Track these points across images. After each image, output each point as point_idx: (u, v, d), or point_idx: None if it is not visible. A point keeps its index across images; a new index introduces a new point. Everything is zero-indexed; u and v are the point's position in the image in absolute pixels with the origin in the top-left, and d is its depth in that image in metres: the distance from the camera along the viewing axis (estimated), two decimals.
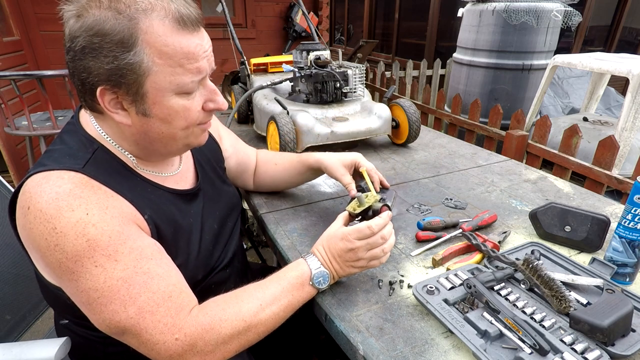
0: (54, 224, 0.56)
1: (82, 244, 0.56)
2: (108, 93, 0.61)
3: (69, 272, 0.57)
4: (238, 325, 0.63)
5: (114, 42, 0.57)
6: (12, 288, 0.97)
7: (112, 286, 0.57)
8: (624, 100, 2.19)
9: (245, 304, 0.66)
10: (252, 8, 4.30)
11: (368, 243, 0.73)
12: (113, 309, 0.58)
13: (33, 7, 3.29)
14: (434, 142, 1.64)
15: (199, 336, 0.60)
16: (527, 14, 2.88)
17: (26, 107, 2.30)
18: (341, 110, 1.48)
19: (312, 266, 0.72)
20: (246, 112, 1.83)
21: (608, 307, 0.63)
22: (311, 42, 1.59)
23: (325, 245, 0.75)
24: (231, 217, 0.92)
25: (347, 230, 0.74)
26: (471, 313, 0.67)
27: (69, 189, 0.58)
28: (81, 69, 0.60)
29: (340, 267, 0.74)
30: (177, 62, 0.61)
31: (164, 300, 0.60)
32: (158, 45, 0.59)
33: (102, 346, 0.74)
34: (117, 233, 0.59)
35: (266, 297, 0.67)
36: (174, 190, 0.77)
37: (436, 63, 4.22)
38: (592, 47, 4.99)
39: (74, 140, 0.67)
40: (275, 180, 1.11)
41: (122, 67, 0.59)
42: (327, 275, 0.72)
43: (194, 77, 0.64)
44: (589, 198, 1.14)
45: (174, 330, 0.59)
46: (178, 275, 0.65)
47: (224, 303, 0.66)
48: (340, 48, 5.93)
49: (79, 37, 0.58)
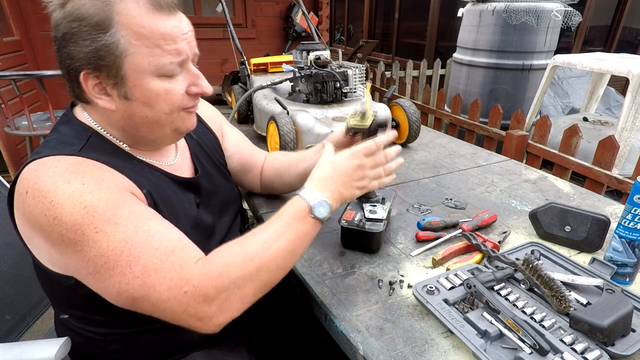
0: (50, 197, 0.56)
1: (80, 212, 0.56)
2: (91, 77, 0.63)
3: (72, 244, 0.57)
4: (247, 266, 0.62)
5: (90, 25, 0.59)
6: (12, 288, 0.97)
7: (115, 249, 0.57)
8: (624, 100, 2.19)
9: (250, 245, 0.65)
10: (252, 8, 4.30)
11: (374, 159, 0.75)
12: (120, 271, 0.57)
13: (33, 7, 3.29)
14: (434, 142, 1.64)
15: (209, 284, 0.59)
16: (527, 14, 2.88)
17: (26, 107, 2.30)
18: (341, 110, 1.48)
19: (309, 197, 0.70)
20: (246, 112, 1.83)
21: (608, 307, 0.63)
22: (311, 42, 1.59)
23: (327, 175, 0.74)
24: (228, 212, 0.92)
25: (354, 148, 0.76)
26: (471, 313, 0.67)
27: (65, 168, 0.59)
28: (65, 56, 0.62)
29: (345, 188, 0.74)
30: (154, 42, 0.62)
31: (166, 255, 0.59)
32: (133, 26, 0.61)
33: (102, 344, 0.74)
34: (114, 199, 0.59)
35: (270, 234, 0.66)
36: (172, 175, 0.77)
37: (436, 63, 4.22)
38: (592, 47, 4.99)
39: (68, 129, 0.68)
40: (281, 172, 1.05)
41: (99, 49, 0.60)
42: (325, 203, 0.70)
43: (173, 59, 0.64)
44: (589, 198, 1.14)
45: (181, 283, 0.58)
46: (180, 233, 0.65)
47: (228, 249, 0.64)
48: (340, 48, 5.93)
49: (60, 25, 0.60)
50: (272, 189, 1.13)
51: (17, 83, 2.23)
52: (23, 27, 3.28)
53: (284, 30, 4.54)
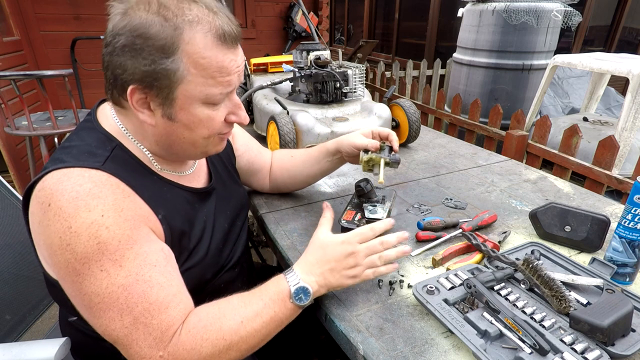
0: (70, 222, 0.56)
1: (93, 247, 0.57)
2: (138, 92, 0.63)
3: (74, 274, 0.57)
4: (218, 344, 0.62)
5: (155, 47, 0.59)
6: (12, 288, 0.97)
7: (112, 292, 0.58)
8: (624, 100, 2.19)
9: (227, 321, 0.64)
10: (252, 8, 4.30)
11: (368, 247, 0.71)
12: (110, 316, 0.58)
13: (33, 7, 3.28)
14: (434, 142, 1.64)
15: (181, 357, 0.60)
16: (527, 14, 2.88)
17: (26, 107, 2.30)
18: (341, 110, 1.48)
19: (291, 282, 0.68)
20: (246, 112, 1.83)
21: (608, 307, 0.63)
22: (311, 42, 1.59)
23: (314, 259, 0.71)
24: (240, 216, 0.93)
25: (348, 234, 0.72)
26: (471, 313, 0.67)
27: (89, 189, 0.59)
28: (117, 64, 0.61)
29: (332, 275, 0.70)
30: (210, 74, 0.63)
31: (159, 312, 0.60)
32: (196, 56, 0.61)
33: (111, 345, 0.74)
34: (127, 237, 0.59)
35: (247, 312, 0.65)
36: (189, 188, 0.78)
37: (436, 63, 4.22)
38: (592, 47, 4.99)
39: (92, 137, 0.68)
40: (293, 173, 1.08)
41: (158, 72, 0.61)
42: (307, 290, 0.68)
43: (223, 90, 0.66)
44: (589, 198, 1.14)
45: (160, 346, 0.59)
46: (179, 284, 0.65)
47: (207, 318, 0.64)
48: (340, 48, 5.93)
49: (122, 35, 0.59)
50: (283, 189, 1.14)
51: (17, 83, 2.23)
52: (23, 27, 3.28)
53: (284, 30, 4.54)
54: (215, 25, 0.62)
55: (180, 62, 0.61)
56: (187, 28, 0.60)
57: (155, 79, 0.61)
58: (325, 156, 1.02)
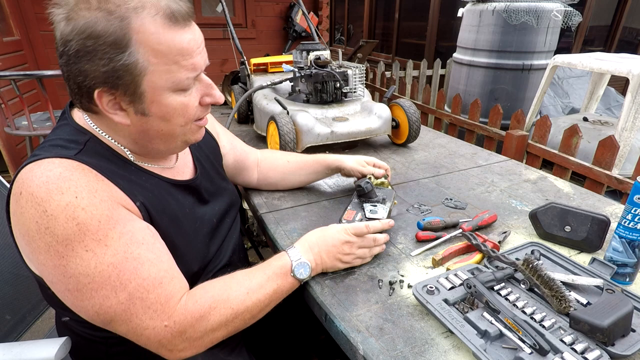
0: (44, 206, 0.56)
1: (72, 228, 0.56)
2: (105, 95, 0.61)
3: (57, 256, 0.56)
4: (226, 313, 0.65)
5: (107, 44, 0.57)
6: (12, 288, 0.97)
7: (102, 271, 0.57)
8: (624, 100, 2.19)
9: (233, 292, 0.67)
10: (252, 8, 4.30)
11: (362, 241, 0.80)
12: (104, 294, 0.58)
13: (33, 7, 3.29)
14: (434, 142, 1.64)
15: (189, 324, 0.62)
16: (527, 14, 2.88)
17: (26, 107, 2.30)
18: (341, 110, 1.48)
19: (293, 257, 0.75)
20: (246, 112, 1.83)
21: (608, 307, 0.63)
22: (311, 42, 1.59)
23: (314, 239, 0.79)
24: (229, 214, 0.93)
25: (347, 225, 0.81)
26: (471, 313, 0.67)
27: (59, 172, 0.58)
28: (77, 72, 0.59)
29: (327, 256, 0.77)
30: (172, 59, 0.61)
31: (154, 286, 0.60)
32: (151, 43, 0.59)
33: (104, 347, 0.73)
34: (107, 217, 0.59)
35: (252, 284, 0.70)
36: (171, 180, 0.77)
37: (436, 63, 4.22)
38: (592, 47, 4.99)
39: (65, 132, 0.67)
40: (285, 176, 1.14)
41: (118, 69, 0.59)
42: (307, 266, 0.75)
43: (190, 74, 0.64)
44: (589, 198, 1.14)
45: (163, 317, 0.60)
46: (170, 261, 0.66)
47: (213, 289, 0.67)
48: (340, 48, 5.93)
49: (71, 41, 0.57)
50: (272, 187, 1.17)
51: (17, 83, 2.23)
52: (23, 27, 3.28)
53: (284, 30, 4.54)
54: (161, 6, 0.59)
55: (138, 53, 0.58)
56: (134, 16, 0.57)
57: (117, 77, 0.59)
58: (325, 169, 1.11)
